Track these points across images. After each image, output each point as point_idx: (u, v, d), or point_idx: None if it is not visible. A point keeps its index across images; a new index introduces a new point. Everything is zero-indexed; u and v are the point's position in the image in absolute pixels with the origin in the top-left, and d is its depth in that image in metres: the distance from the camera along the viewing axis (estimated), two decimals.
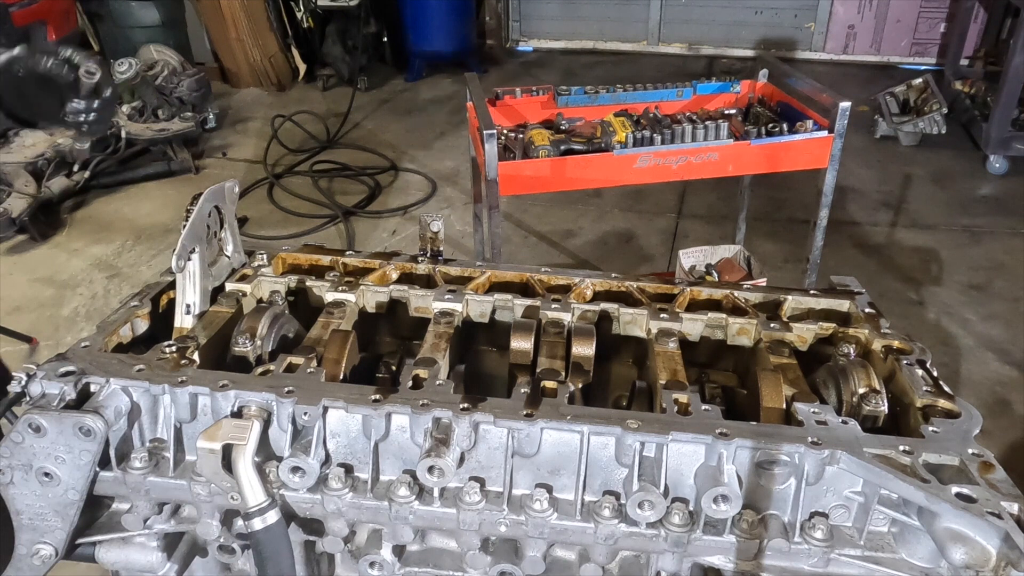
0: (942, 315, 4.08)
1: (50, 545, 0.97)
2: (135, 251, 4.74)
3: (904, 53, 8.29)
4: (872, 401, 1.00)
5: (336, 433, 0.96)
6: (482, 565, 0.98)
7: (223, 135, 6.04)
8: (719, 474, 0.88)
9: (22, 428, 0.92)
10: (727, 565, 0.92)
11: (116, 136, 5.55)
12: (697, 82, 3.47)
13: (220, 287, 1.20)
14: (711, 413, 0.94)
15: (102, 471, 0.97)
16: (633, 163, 2.99)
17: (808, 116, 3.13)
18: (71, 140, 5.18)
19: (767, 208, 5.09)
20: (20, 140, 5.25)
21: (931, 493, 0.82)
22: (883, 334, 1.15)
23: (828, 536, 0.89)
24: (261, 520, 0.91)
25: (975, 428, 0.95)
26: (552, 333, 1.14)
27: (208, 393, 0.95)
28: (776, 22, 8.44)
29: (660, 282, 1.28)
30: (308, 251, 1.33)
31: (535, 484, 0.94)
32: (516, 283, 1.28)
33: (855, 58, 8.40)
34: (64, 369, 0.97)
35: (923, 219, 5.10)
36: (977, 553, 0.80)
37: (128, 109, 5.76)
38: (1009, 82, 5.30)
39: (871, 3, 8.17)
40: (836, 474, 0.90)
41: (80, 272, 4.52)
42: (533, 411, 0.92)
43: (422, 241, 1.31)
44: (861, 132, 6.27)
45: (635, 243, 4.77)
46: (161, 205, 5.25)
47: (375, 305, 1.24)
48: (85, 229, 5.04)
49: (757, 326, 1.17)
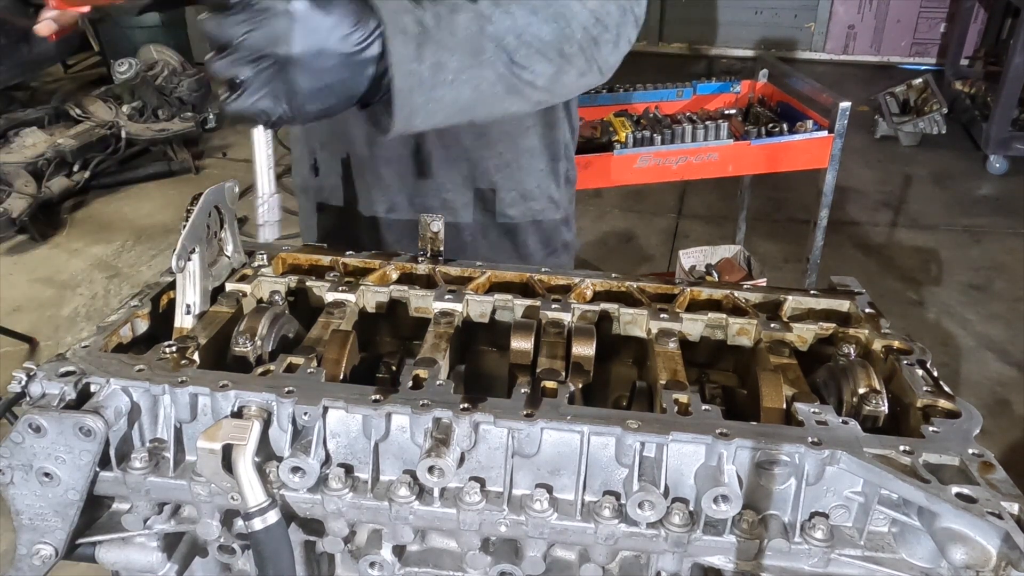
0: (942, 315, 4.08)
1: (50, 545, 0.97)
2: (135, 251, 4.74)
3: (904, 53, 8.29)
4: (872, 401, 1.00)
5: (336, 433, 0.96)
6: (482, 565, 0.98)
7: (223, 135, 6.04)
8: (719, 474, 0.88)
9: (22, 428, 0.92)
10: (727, 565, 0.92)
11: (116, 136, 5.55)
12: (697, 82, 3.47)
13: (220, 287, 1.20)
14: (711, 413, 0.94)
15: (102, 471, 0.97)
16: (633, 163, 2.99)
17: (808, 116, 3.14)
18: (72, 140, 5.18)
19: (767, 208, 5.09)
20: (20, 140, 5.25)
21: (931, 493, 0.82)
22: (883, 334, 1.15)
23: (828, 536, 0.89)
24: (261, 520, 0.91)
25: (975, 428, 0.95)
26: (552, 333, 1.14)
27: (208, 393, 0.95)
28: (776, 22, 8.44)
29: (660, 282, 1.28)
30: (308, 251, 1.33)
31: (535, 484, 0.94)
32: (516, 283, 1.28)
33: (855, 58, 8.40)
34: (64, 369, 0.97)
35: (923, 219, 5.10)
36: (977, 553, 0.80)
37: (128, 109, 5.76)
38: (1009, 82, 5.31)
39: (871, 3, 8.17)
40: (836, 474, 0.90)
41: (80, 272, 4.52)
42: (533, 411, 0.92)
43: (422, 241, 1.31)
44: (861, 132, 6.27)
45: (635, 243, 4.77)
46: (161, 205, 5.26)
47: (375, 305, 1.24)
48: (85, 229, 5.04)
49: (757, 326, 1.17)
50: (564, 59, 1.14)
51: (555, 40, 1.12)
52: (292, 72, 0.91)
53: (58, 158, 5.11)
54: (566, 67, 1.15)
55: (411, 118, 1.03)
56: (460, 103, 1.07)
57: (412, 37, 0.99)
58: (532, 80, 1.12)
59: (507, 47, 1.07)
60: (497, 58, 1.07)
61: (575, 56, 1.15)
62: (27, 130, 5.30)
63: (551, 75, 1.14)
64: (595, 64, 1.20)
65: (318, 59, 0.91)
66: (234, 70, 0.90)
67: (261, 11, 0.87)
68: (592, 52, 1.17)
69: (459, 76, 1.04)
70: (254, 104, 0.91)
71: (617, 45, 1.22)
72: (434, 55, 1.00)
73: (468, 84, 1.06)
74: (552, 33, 1.12)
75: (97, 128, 5.48)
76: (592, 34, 1.16)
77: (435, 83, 1.02)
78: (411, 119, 1.03)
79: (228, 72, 0.90)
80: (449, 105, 1.06)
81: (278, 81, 0.91)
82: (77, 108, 5.57)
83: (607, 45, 1.20)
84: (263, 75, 0.90)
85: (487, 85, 1.08)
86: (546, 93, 1.17)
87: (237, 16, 0.88)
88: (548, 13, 1.11)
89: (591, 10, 1.16)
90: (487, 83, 1.07)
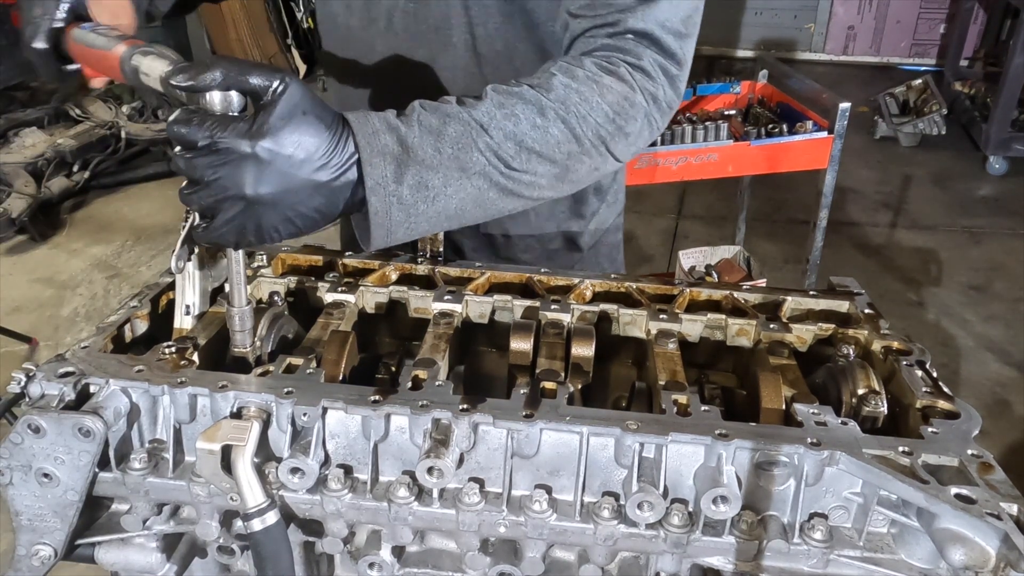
0: (942, 316, 4.08)
1: (49, 546, 0.97)
2: (135, 251, 4.74)
3: (904, 54, 8.29)
4: (872, 402, 1.00)
5: (335, 434, 0.96)
6: (481, 566, 0.98)
7: None
8: (718, 475, 0.88)
9: (21, 429, 0.92)
10: (726, 566, 0.92)
11: (116, 136, 5.55)
12: (697, 82, 3.47)
13: (220, 288, 1.20)
14: (710, 414, 0.94)
15: (101, 472, 0.97)
16: (633, 164, 2.99)
17: (808, 117, 3.13)
18: (71, 140, 5.18)
19: (767, 209, 5.09)
20: (20, 140, 5.25)
21: (930, 494, 0.82)
22: (883, 335, 1.15)
23: (827, 537, 0.89)
24: (260, 521, 0.91)
25: (974, 429, 0.95)
26: (551, 334, 1.14)
27: (207, 394, 0.95)
28: (776, 23, 8.44)
29: (660, 283, 1.28)
30: (308, 252, 1.33)
31: (534, 485, 0.94)
32: (516, 284, 1.28)
33: (855, 59, 8.40)
34: (63, 370, 0.97)
35: (923, 220, 5.11)
36: (976, 554, 0.80)
37: (128, 109, 5.76)
38: (1009, 83, 5.31)
39: (871, 4, 8.17)
40: (835, 475, 0.90)
41: (80, 272, 4.52)
42: (532, 412, 0.92)
43: (422, 242, 1.31)
44: (861, 133, 6.27)
45: (635, 243, 4.77)
46: (161, 205, 5.25)
47: (374, 306, 1.24)
48: (85, 229, 5.04)
49: (757, 327, 1.17)
50: (571, 158, 1.05)
51: (562, 141, 1.04)
52: (259, 210, 0.88)
53: (58, 158, 5.11)
54: (574, 165, 1.06)
55: (390, 235, 0.98)
56: (446, 214, 1.01)
57: (392, 158, 0.94)
58: (532, 181, 1.04)
59: (503, 155, 1.00)
60: (491, 167, 1.00)
61: (585, 154, 1.06)
62: (27, 130, 5.31)
63: (555, 175, 1.06)
64: (610, 156, 1.10)
65: (287, 196, 0.88)
66: (203, 204, 0.89)
67: (225, 152, 0.85)
68: (607, 146, 1.08)
69: (444, 191, 0.98)
70: (223, 236, 0.91)
71: (640, 135, 1.12)
72: (415, 176, 0.95)
73: (454, 197, 0.99)
74: (559, 135, 1.03)
75: (97, 128, 5.48)
76: (607, 130, 1.06)
77: (416, 200, 0.97)
78: (390, 235, 0.99)
79: (197, 205, 0.90)
80: (433, 218, 1.00)
81: (245, 218, 0.89)
82: (77, 108, 5.57)
83: (625, 138, 1.09)
84: (231, 211, 0.88)
85: (477, 193, 1.01)
86: (550, 191, 1.08)
87: (203, 157, 0.85)
88: (559, 114, 1.02)
89: (610, 103, 1.06)
90: (477, 191, 1.00)
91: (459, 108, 1.01)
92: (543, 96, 1.03)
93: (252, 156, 0.85)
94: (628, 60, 1.09)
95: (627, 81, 1.08)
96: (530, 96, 1.03)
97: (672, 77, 1.13)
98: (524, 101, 1.02)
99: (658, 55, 1.11)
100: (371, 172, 0.93)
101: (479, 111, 1.01)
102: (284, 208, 0.90)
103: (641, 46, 1.10)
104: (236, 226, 0.90)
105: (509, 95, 1.03)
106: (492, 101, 1.02)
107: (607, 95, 1.06)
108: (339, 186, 0.92)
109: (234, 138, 0.85)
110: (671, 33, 1.11)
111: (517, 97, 1.02)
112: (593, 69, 1.07)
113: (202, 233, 0.92)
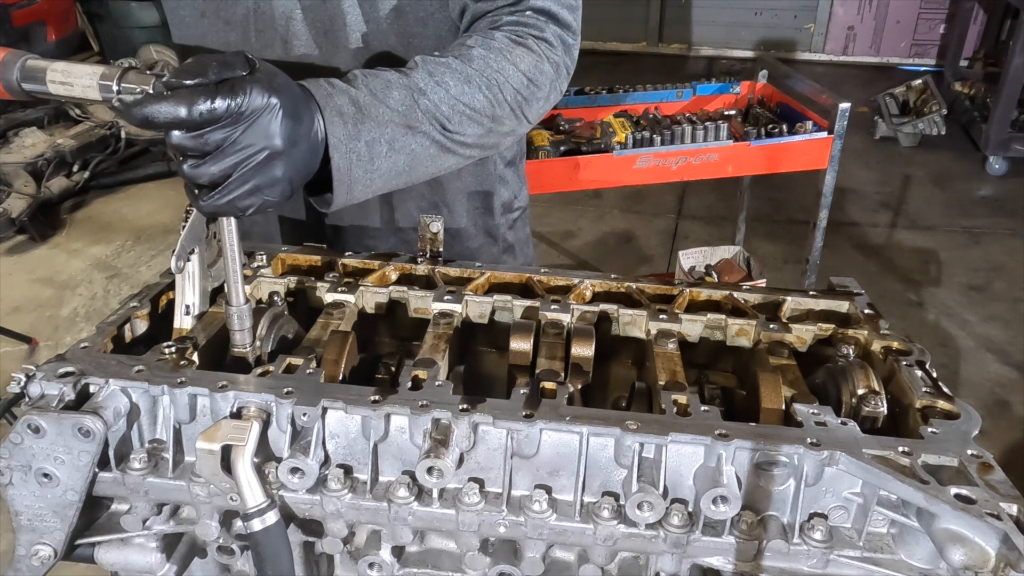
0: (941, 316, 4.08)
1: (49, 546, 0.97)
2: (135, 251, 4.74)
3: (904, 54, 8.29)
4: (871, 402, 1.00)
5: (335, 434, 0.96)
6: (481, 566, 0.98)
7: None
8: (718, 475, 0.88)
9: (21, 429, 0.92)
10: (726, 566, 0.92)
11: (116, 136, 5.55)
12: (697, 83, 3.47)
13: (220, 288, 1.20)
14: (710, 414, 0.94)
15: (101, 472, 0.97)
16: (633, 164, 2.99)
17: (808, 117, 3.14)
18: (71, 140, 5.18)
19: (766, 209, 5.09)
20: (20, 140, 5.25)
21: (930, 494, 0.82)
22: (882, 335, 1.16)
23: (827, 537, 0.89)
24: (260, 521, 0.91)
25: (974, 429, 0.95)
26: (551, 334, 1.14)
27: (207, 394, 0.95)
28: (776, 23, 8.44)
29: (659, 283, 1.28)
30: (308, 252, 1.33)
31: (534, 485, 0.94)
32: (515, 284, 1.28)
33: (855, 59, 8.40)
34: (63, 370, 0.97)
35: (922, 220, 5.11)
36: (976, 554, 0.80)
37: None
38: (1008, 83, 5.31)
39: (871, 4, 8.17)
40: (835, 475, 0.90)
41: (80, 272, 4.52)
42: (532, 412, 0.92)
43: (422, 242, 1.31)
44: (861, 133, 6.27)
45: (635, 244, 4.77)
46: (161, 205, 5.26)
47: (374, 306, 1.24)
48: (85, 229, 5.04)
49: (756, 327, 1.17)
50: (495, 120, 1.19)
51: (487, 106, 1.17)
52: (275, 163, 0.93)
53: (58, 158, 5.11)
54: (497, 127, 1.20)
55: (351, 191, 1.07)
56: (396, 169, 1.11)
57: (349, 117, 1.03)
58: (464, 140, 1.16)
59: (440, 116, 1.12)
60: (431, 126, 1.11)
61: (506, 116, 1.20)
62: (27, 130, 5.31)
63: (482, 134, 1.19)
64: (524, 119, 1.24)
65: (294, 147, 0.95)
66: (220, 171, 0.90)
67: (249, 112, 0.88)
68: (523, 109, 1.21)
69: (394, 147, 1.08)
70: (237, 199, 0.92)
71: (548, 99, 1.26)
72: (370, 132, 1.05)
73: (403, 152, 1.10)
74: (484, 100, 1.16)
75: (97, 128, 5.48)
76: (523, 95, 1.20)
77: (372, 156, 1.06)
78: (351, 191, 1.07)
79: (214, 174, 0.90)
80: (386, 173, 1.09)
81: (261, 175, 0.92)
82: (77, 108, 5.57)
83: (538, 102, 1.24)
84: (247, 172, 0.91)
85: (421, 150, 1.12)
86: (478, 149, 1.21)
87: (222, 125, 0.87)
88: (482, 81, 1.15)
89: (524, 71, 1.19)
90: (421, 148, 1.12)
91: (397, 75, 1.11)
92: (467, 66, 1.15)
93: (269, 108, 0.90)
94: (533, 33, 1.22)
95: (535, 52, 1.21)
96: (456, 66, 1.14)
97: (569, 46, 1.27)
98: (451, 70, 1.13)
99: (557, 27, 1.25)
100: (332, 131, 1.01)
101: (414, 78, 1.11)
102: (292, 161, 0.95)
103: (542, 20, 1.23)
104: (253, 186, 0.92)
105: (437, 64, 1.14)
106: (424, 70, 1.13)
107: (520, 64, 1.19)
108: (319, 141, 1.00)
109: (257, 90, 0.88)
110: (565, 7, 1.25)
111: (444, 67, 1.13)
112: (505, 42, 1.19)
113: (217, 200, 0.92)
